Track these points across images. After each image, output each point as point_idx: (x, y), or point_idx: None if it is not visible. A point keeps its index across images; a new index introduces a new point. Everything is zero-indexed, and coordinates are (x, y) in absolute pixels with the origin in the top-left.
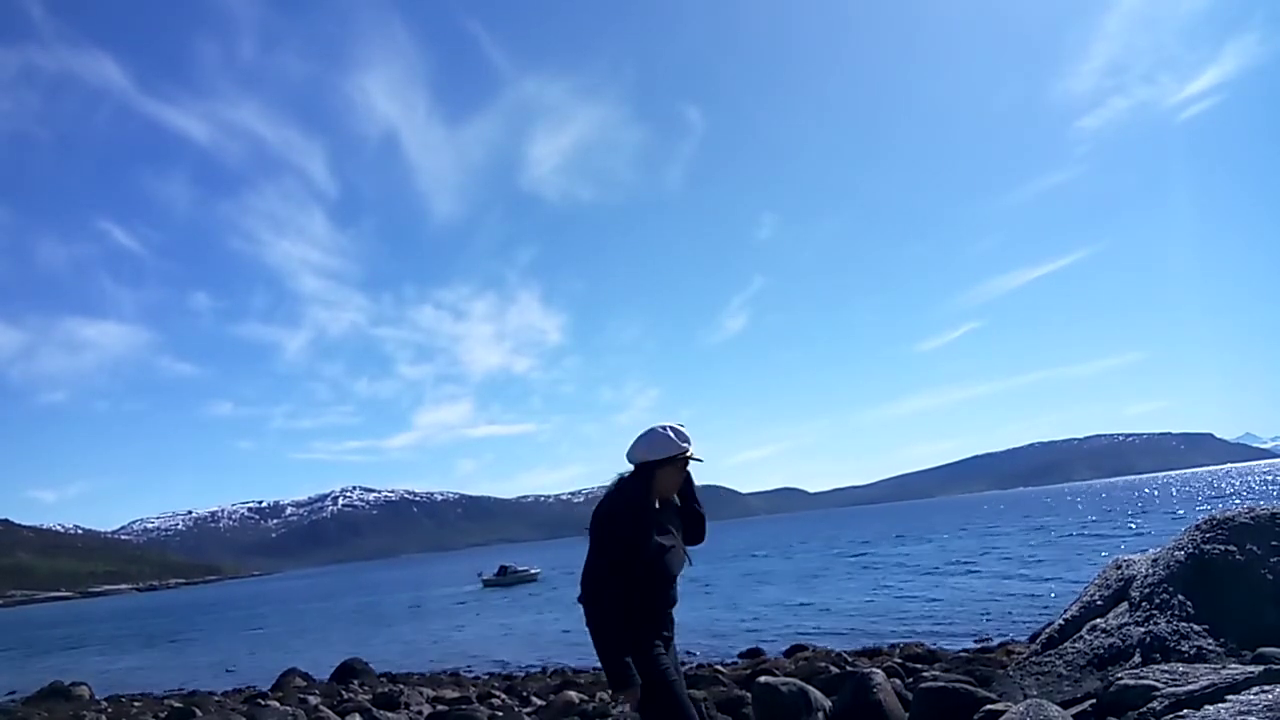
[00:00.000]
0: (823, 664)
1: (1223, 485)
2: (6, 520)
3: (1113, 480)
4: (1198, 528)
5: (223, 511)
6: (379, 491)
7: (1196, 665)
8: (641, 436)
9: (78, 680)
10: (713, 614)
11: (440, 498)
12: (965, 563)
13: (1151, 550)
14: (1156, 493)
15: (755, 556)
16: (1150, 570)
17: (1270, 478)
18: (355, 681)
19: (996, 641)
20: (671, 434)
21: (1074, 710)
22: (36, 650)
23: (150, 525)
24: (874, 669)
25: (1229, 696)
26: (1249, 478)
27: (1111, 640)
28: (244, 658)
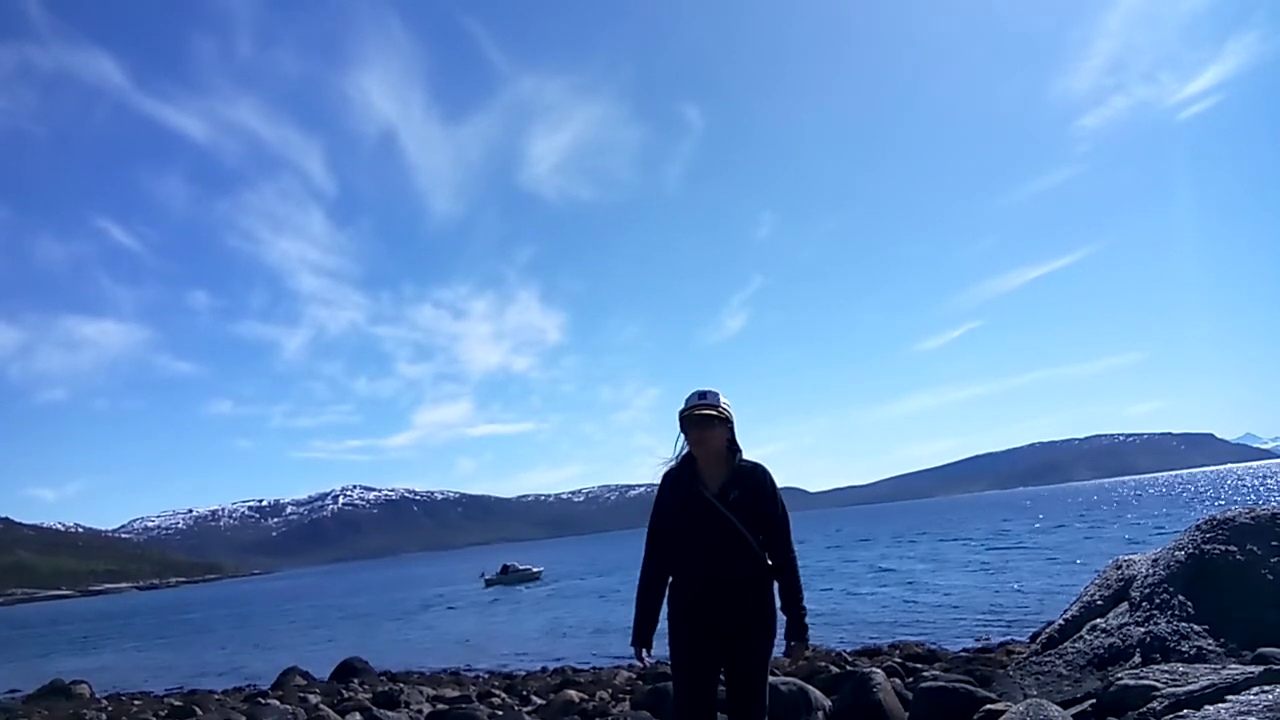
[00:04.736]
0: (823, 663)
1: (1223, 486)
2: (7, 519)
3: (1112, 480)
4: (1198, 528)
5: (223, 510)
6: (379, 490)
7: (1196, 665)
8: None
9: (78, 678)
10: None
11: (440, 497)
12: (965, 563)
13: (1152, 550)
14: (1156, 493)
15: None
16: (1150, 570)
17: (1271, 478)
18: (355, 680)
19: (996, 641)
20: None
21: (1074, 710)
22: (37, 648)
23: (151, 524)
24: (874, 669)
25: (1229, 696)
26: (1249, 478)
27: (1111, 640)
28: (244, 656)
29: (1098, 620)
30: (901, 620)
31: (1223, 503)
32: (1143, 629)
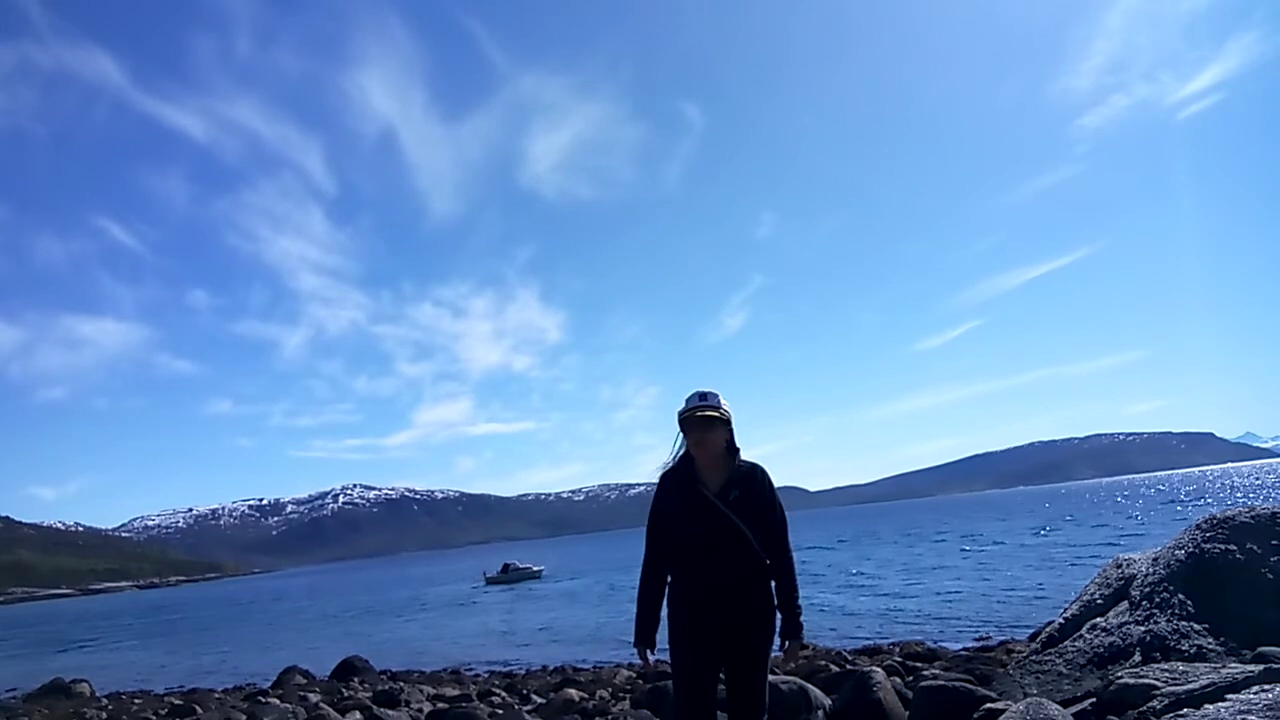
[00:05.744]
0: (823, 662)
1: (1223, 485)
2: (7, 517)
3: (1113, 479)
4: (1198, 527)
5: (223, 509)
6: (379, 489)
7: (1196, 664)
8: None
9: (78, 677)
10: None
11: (440, 495)
12: (964, 562)
13: (1152, 549)
14: (1156, 492)
15: None
16: (1150, 569)
17: (1271, 477)
18: (355, 679)
19: (996, 640)
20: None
21: (1074, 709)
22: (37, 647)
23: (151, 522)
24: (874, 667)
25: (1229, 695)
26: (1247, 477)
27: (1112, 639)
28: (244, 655)
29: (1098, 619)
30: (901, 619)
31: (1215, 501)
32: (1143, 628)
